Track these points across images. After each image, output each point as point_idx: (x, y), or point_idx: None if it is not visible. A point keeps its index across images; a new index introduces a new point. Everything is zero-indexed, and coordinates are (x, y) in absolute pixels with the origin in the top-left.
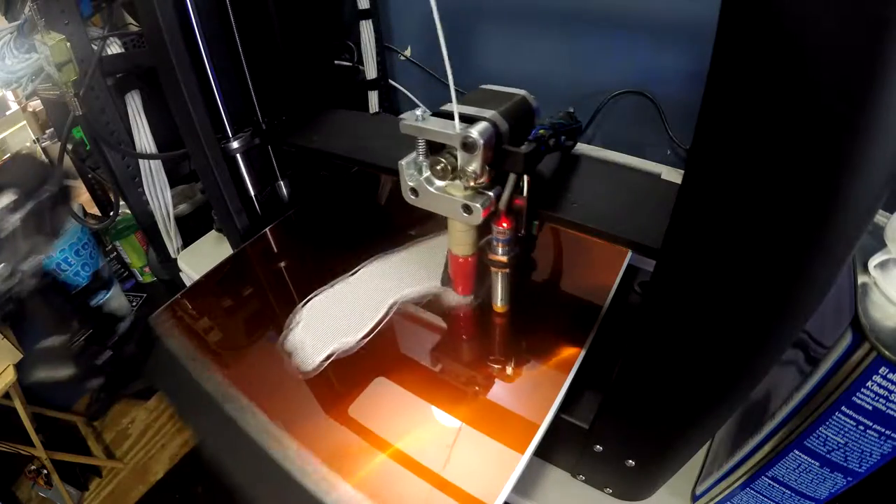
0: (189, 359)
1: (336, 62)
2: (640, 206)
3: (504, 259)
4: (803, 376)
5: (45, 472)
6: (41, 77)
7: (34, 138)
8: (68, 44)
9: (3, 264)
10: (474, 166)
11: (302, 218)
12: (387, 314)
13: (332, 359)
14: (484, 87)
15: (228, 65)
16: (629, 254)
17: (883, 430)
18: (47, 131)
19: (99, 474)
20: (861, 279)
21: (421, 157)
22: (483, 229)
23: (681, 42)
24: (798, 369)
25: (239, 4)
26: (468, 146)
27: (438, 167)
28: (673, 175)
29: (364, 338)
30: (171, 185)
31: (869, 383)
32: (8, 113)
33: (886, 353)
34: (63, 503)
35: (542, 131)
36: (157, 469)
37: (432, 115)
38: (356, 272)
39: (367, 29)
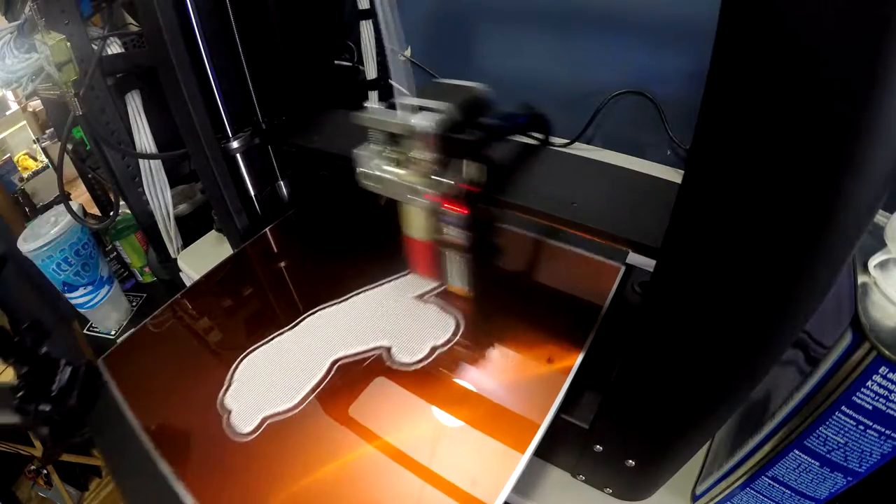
0: (123, 413)
1: (336, 62)
2: (640, 206)
3: (453, 240)
4: (803, 376)
5: (45, 472)
6: (41, 77)
7: (34, 138)
8: (68, 44)
9: None
10: (426, 154)
11: (302, 218)
12: (327, 374)
13: (266, 424)
14: (438, 80)
15: (228, 65)
16: (629, 253)
17: (883, 429)
18: (47, 131)
19: (99, 474)
20: (861, 279)
21: (378, 147)
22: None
23: (681, 42)
24: (798, 369)
25: (239, 4)
26: (425, 136)
27: (395, 156)
28: (673, 175)
29: (302, 402)
30: (171, 185)
31: (869, 383)
32: (8, 113)
33: (886, 352)
34: (63, 503)
35: (489, 121)
36: None
37: (388, 107)
38: (297, 325)
39: (367, 29)
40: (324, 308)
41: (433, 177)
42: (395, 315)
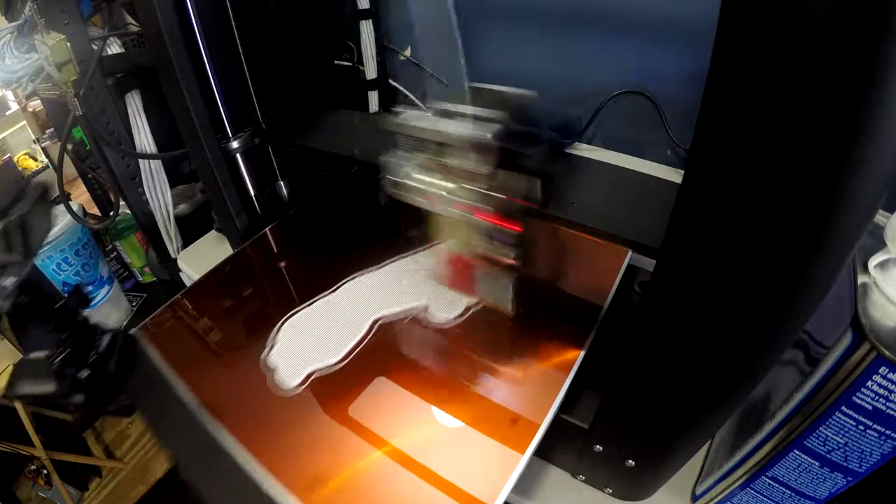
0: (167, 376)
1: (336, 62)
2: (640, 206)
3: (513, 261)
4: (803, 376)
5: (45, 472)
6: (41, 77)
7: (34, 138)
8: (68, 44)
9: None
10: (485, 168)
11: (302, 218)
12: (369, 332)
13: (312, 378)
14: (477, 85)
15: (228, 65)
16: (629, 253)
17: (883, 429)
18: (47, 131)
19: (99, 474)
20: (861, 279)
21: (420, 157)
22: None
23: (681, 42)
24: (798, 369)
25: (239, 4)
26: (481, 148)
27: (447, 168)
28: (673, 175)
29: (345, 357)
30: (171, 185)
31: (869, 383)
32: (8, 113)
33: (886, 352)
34: (63, 503)
35: (550, 132)
36: (157, 469)
37: (433, 114)
38: (337, 289)
39: (366, 29)
40: (362, 274)
41: (487, 191)
42: (430, 279)
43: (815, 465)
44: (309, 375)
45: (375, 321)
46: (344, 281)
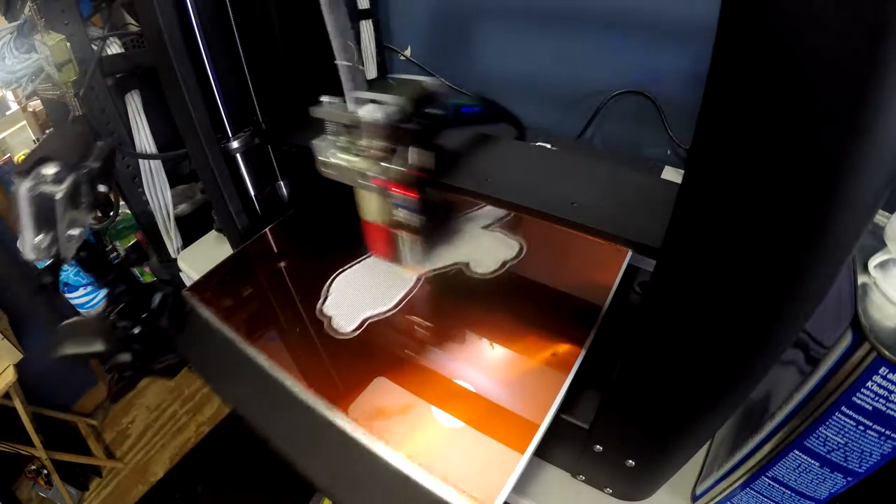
0: (223, 329)
1: (336, 62)
2: (640, 206)
3: (403, 221)
4: (803, 376)
5: (45, 472)
6: (41, 77)
7: (34, 138)
8: (68, 44)
9: (42, 235)
10: (374, 142)
11: (302, 217)
12: (414, 286)
13: (367, 324)
14: (393, 76)
15: (228, 65)
16: (629, 253)
17: (883, 430)
18: (47, 131)
19: (99, 474)
20: (861, 279)
21: (332, 137)
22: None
23: (681, 42)
24: (798, 369)
25: (239, 4)
26: (367, 125)
27: (347, 144)
28: (673, 175)
29: (396, 306)
30: (171, 185)
31: (869, 383)
32: (8, 113)
33: (886, 353)
34: (63, 503)
35: (434, 111)
36: (157, 469)
37: (343, 101)
38: None
39: (366, 29)
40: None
41: (382, 163)
42: (468, 240)
43: (815, 466)
44: (364, 321)
45: (420, 276)
46: None
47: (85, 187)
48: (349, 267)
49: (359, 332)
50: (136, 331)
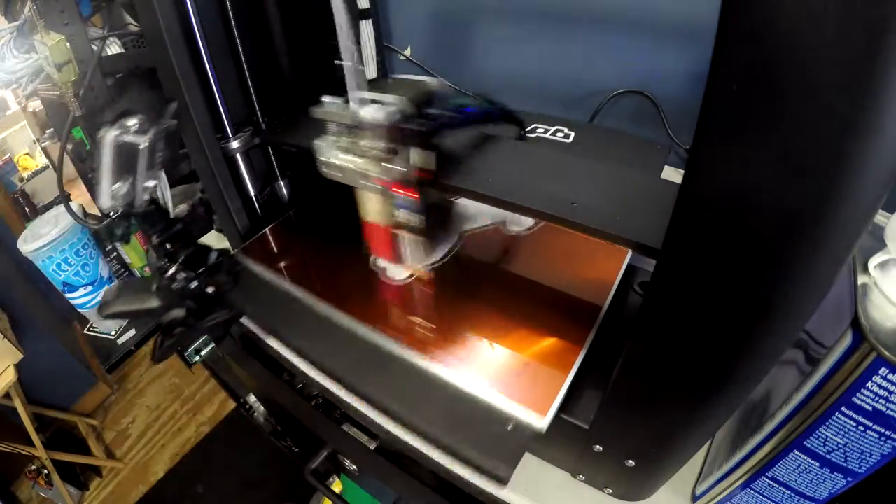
0: (280, 283)
1: (336, 62)
2: (640, 206)
3: (406, 222)
4: (803, 376)
5: (46, 472)
6: (41, 77)
7: (34, 138)
8: (68, 44)
9: (120, 183)
10: (378, 143)
11: (302, 217)
12: (458, 241)
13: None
14: (394, 76)
15: (228, 65)
16: (629, 253)
17: (883, 430)
18: (47, 131)
19: (99, 474)
20: (861, 279)
21: (334, 137)
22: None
23: (681, 42)
24: (798, 369)
25: (239, 4)
26: (370, 126)
27: (349, 145)
28: (673, 175)
29: (440, 259)
30: (171, 185)
31: (869, 384)
32: (8, 113)
33: (886, 353)
34: (63, 503)
35: (436, 111)
36: (157, 469)
37: (344, 101)
38: None
39: (366, 29)
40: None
41: (384, 164)
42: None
43: (815, 466)
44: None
45: (463, 233)
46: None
47: (161, 142)
48: None
49: (410, 279)
50: (193, 286)
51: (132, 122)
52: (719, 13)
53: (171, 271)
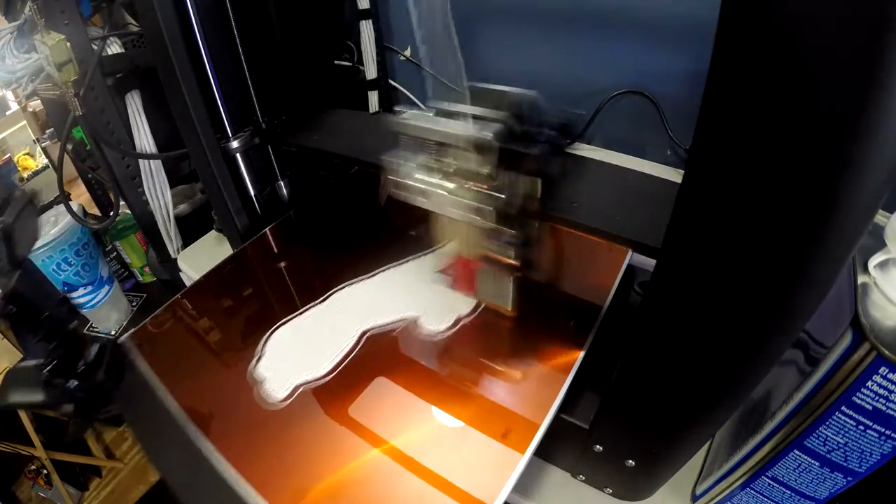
0: (155, 387)
1: (336, 62)
2: (640, 206)
3: (517, 262)
4: (803, 376)
5: (45, 472)
6: (41, 77)
7: (34, 138)
8: (68, 44)
9: None
10: (487, 168)
11: (300, 219)
12: (357, 344)
13: (298, 391)
14: (478, 84)
15: (228, 65)
16: (629, 253)
17: (883, 430)
18: (47, 131)
19: (99, 474)
20: (861, 279)
21: (422, 157)
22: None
23: (681, 42)
24: (798, 369)
25: (239, 4)
26: (483, 148)
27: (449, 169)
28: (673, 175)
29: (332, 370)
30: (171, 185)
31: (869, 383)
32: (8, 113)
33: (886, 353)
34: (63, 503)
35: (551, 132)
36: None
37: (436, 114)
38: (327, 299)
39: (366, 29)
40: (351, 284)
41: (488, 191)
42: (421, 289)
43: (815, 466)
44: (296, 388)
45: (364, 333)
46: (334, 290)
47: (2, 245)
48: (289, 320)
49: (289, 401)
50: (73, 385)
51: None
52: (719, 13)
53: (46, 369)
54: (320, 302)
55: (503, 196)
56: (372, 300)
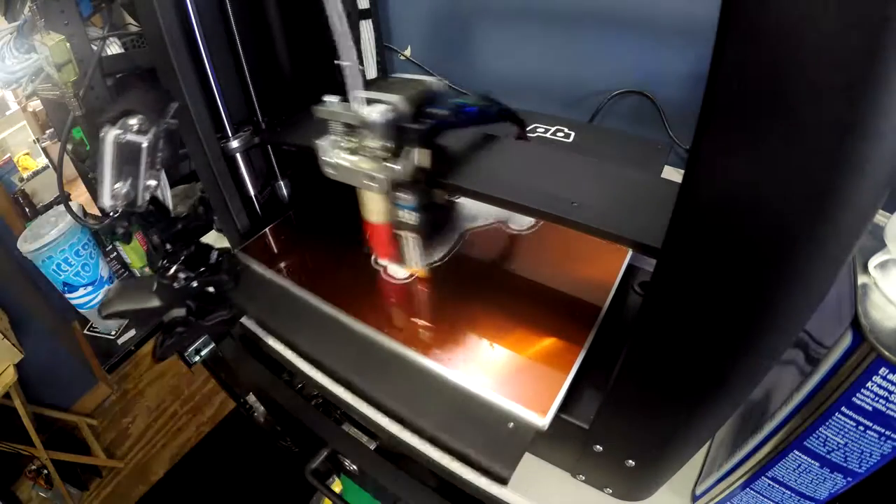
0: (281, 283)
1: (336, 62)
2: (640, 206)
3: (406, 221)
4: (803, 376)
5: (46, 472)
6: (41, 77)
7: (34, 138)
8: (68, 44)
9: (121, 182)
10: (377, 142)
11: (302, 217)
12: (459, 240)
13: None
14: (394, 76)
15: (228, 65)
16: (629, 253)
17: (883, 430)
18: (47, 131)
19: (99, 474)
20: (861, 279)
21: (336, 137)
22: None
23: (681, 42)
24: (798, 369)
25: (239, 4)
26: (371, 126)
27: (350, 145)
28: (673, 175)
29: (440, 260)
30: (171, 185)
31: (869, 384)
32: (8, 113)
33: (886, 353)
34: (63, 503)
35: (437, 111)
36: (157, 469)
37: (342, 101)
38: None
39: (366, 29)
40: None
41: (385, 163)
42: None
43: (815, 466)
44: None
45: (465, 231)
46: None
47: (162, 142)
48: None
49: (411, 278)
50: (195, 284)
51: (133, 121)
52: (719, 13)
53: (171, 271)
54: None
55: (401, 167)
56: (469, 211)
